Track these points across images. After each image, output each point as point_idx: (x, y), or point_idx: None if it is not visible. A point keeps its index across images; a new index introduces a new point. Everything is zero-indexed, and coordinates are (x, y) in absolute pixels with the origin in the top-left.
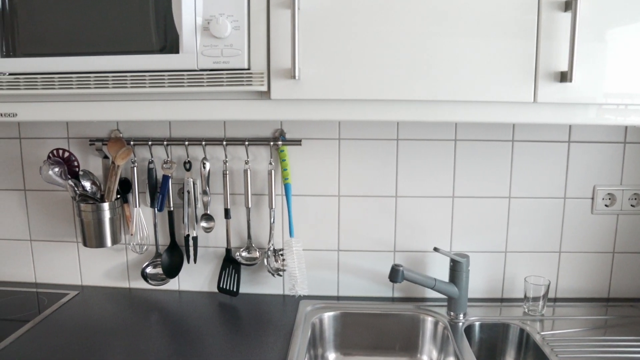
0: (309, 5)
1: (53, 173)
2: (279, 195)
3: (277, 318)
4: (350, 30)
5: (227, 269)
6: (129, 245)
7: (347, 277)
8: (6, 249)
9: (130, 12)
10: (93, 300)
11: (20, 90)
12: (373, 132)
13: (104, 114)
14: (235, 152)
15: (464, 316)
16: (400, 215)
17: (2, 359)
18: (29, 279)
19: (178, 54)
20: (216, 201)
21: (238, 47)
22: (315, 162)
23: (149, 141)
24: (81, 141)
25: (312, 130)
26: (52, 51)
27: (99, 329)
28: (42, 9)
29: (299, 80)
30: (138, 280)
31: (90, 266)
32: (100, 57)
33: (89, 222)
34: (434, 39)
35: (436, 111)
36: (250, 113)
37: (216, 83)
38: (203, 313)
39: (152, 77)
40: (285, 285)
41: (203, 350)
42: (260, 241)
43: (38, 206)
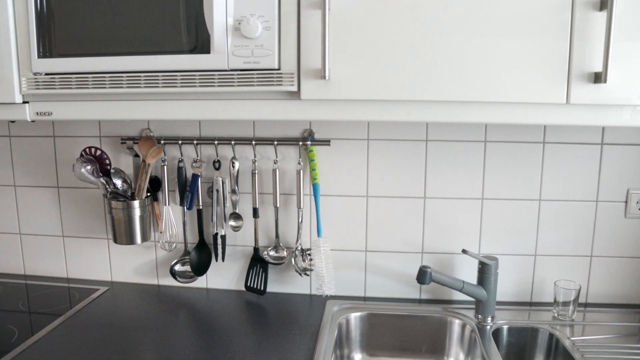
0: (339, 5)
1: (85, 171)
2: (307, 195)
3: (303, 317)
4: (380, 31)
5: (255, 268)
6: (158, 243)
7: (374, 278)
8: (40, 245)
9: (162, 13)
10: (122, 296)
11: (56, 89)
12: (402, 132)
13: (136, 113)
14: (264, 152)
15: (492, 319)
16: (428, 217)
17: (36, 351)
18: (61, 274)
19: (209, 54)
20: (245, 200)
21: (268, 47)
22: (343, 162)
23: (179, 140)
24: (113, 140)
25: (341, 130)
26: (86, 52)
27: (128, 325)
28: (77, 11)
29: (328, 80)
30: (167, 277)
31: (120, 263)
32: (133, 57)
33: (120, 219)
34: (463, 39)
35: (466, 112)
36: (280, 113)
37: (246, 83)
38: (230, 311)
39: (183, 77)
40: (313, 285)
41: (230, 347)
42: (288, 240)
43: (70, 203)
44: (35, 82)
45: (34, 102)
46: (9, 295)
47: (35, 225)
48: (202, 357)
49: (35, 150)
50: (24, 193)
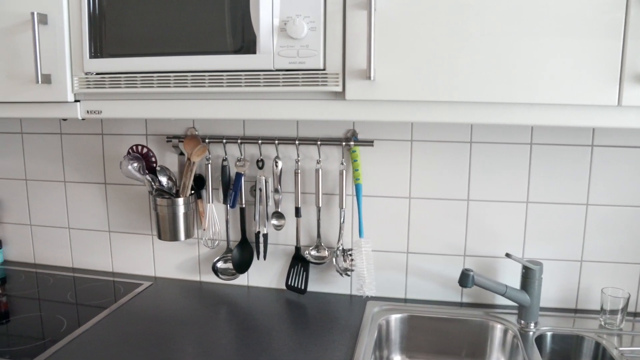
0: (385, 6)
1: (132, 168)
2: (349, 196)
3: (343, 317)
4: (426, 31)
5: (296, 267)
6: (201, 240)
7: (415, 280)
8: (87, 239)
9: (209, 14)
10: (165, 292)
11: (105, 88)
12: (446, 134)
13: (182, 112)
14: (307, 152)
15: (535, 325)
16: (471, 219)
17: (83, 341)
18: (106, 268)
19: (255, 55)
20: (287, 199)
21: (314, 47)
22: (386, 163)
23: (224, 139)
24: (158, 138)
25: (384, 131)
26: (135, 52)
27: (171, 319)
28: (127, 13)
29: (374, 81)
30: (209, 274)
31: (164, 258)
32: (180, 57)
33: (164, 216)
34: (511, 39)
35: (512, 114)
36: (324, 113)
37: (292, 83)
38: (271, 309)
39: (229, 77)
40: (353, 285)
41: (270, 345)
42: (330, 240)
43: (117, 199)
44: (87, 81)
45: (84, 100)
46: (59, 287)
47: (83, 220)
48: (242, 353)
49: (84, 148)
50: (73, 189)
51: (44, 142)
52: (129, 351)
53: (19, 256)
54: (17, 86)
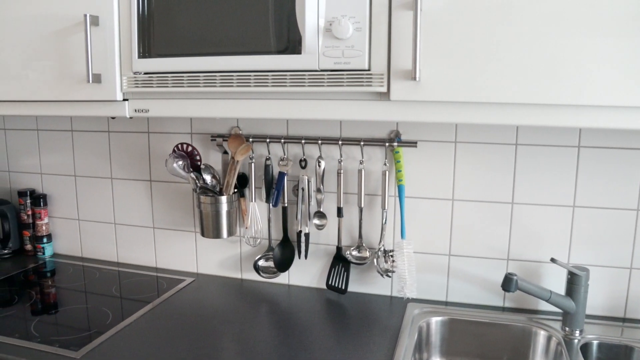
0: (431, 6)
1: (177, 166)
2: (391, 197)
3: (384, 319)
4: (472, 32)
5: (337, 267)
6: (243, 238)
7: (456, 283)
8: (132, 235)
9: (255, 15)
10: (207, 288)
11: (153, 88)
12: (491, 135)
13: (227, 111)
14: (350, 152)
15: (581, 333)
16: (515, 223)
17: (127, 334)
18: (150, 263)
19: (300, 55)
20: (329, 199)
21: (359, 48)
22: (430, 164)
23: (267, 139)
24: (203, 137)
25: (428, 132)
26: (182, 52)
27: (212, 315)
28: (174, 14)
29: (419, 81)
30: (250, 272)
31: (206, 255)
32: (226, 57)
33: (208, 213)
34: (558, 39)
35: (559, 116)
36: (368, 114)
37: (336, 83)
38: (311, 308)
39: (274, 77)
40: (394, 287)
41: (309, 344)
42: (371, 241)
43: (161, 196)
44: (135, 80)
45: (133, 99)
46: (104, 281)
47: (128, 216)
48: (282, 351)
49: (131, 146)
50: (120, 185)
51: (93, 139)
52: (171, 345)
53: (68, 250)
54: (68, 86)
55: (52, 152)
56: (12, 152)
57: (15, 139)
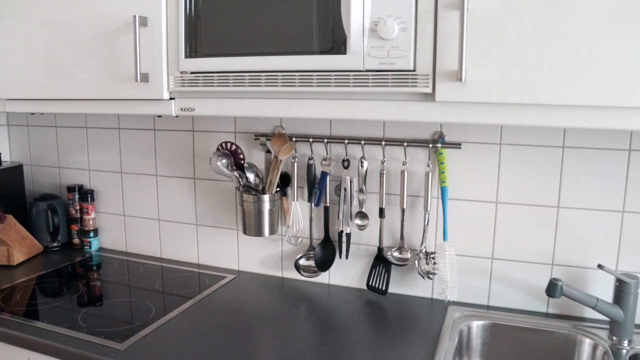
0: (477, 6)
1: (221, 164)
2: (434, 198)
3: (424, 321)
4: (519, 32)
5: (378, 268)
6: (284, 237)
7: (498, 287)
8: (176, 231)
9: (300, 15)
10: (248, 285)
11: (199, 87)
12: (537, 138)
13: (272, 110)
14: (393, 152)
15: (629, 343)
16: (561, 227)
17: (169, 329)
18: (192, 259)
19: (345, 55)
20: (371, 200)
21: (404, 48)
22: (473, 166)
23: (310, 138)
24: (246, 135)
25: (472, 133)
26: (228, 52)
27: (252, 312)
28: (221, 15)
29: (464, 82)
30: (291, 270)
31: (248, 253)
32: (271, 57)
33: (250, 211)
34: (609, 39)
35: (608, 118)
36: (413, 114)
37: (381, 84)
38: (351, 308)
39: (319, 77)
40: (435, 289)
41: (348, 344)
42: (413, 242)
43: (205, 194)
44: (182, 80)
45: (179, 98)
46: (148, 275)
47: (172, 212)
48: (321, 350)
49: (175, 144)
50: (164, 182)
51: (139, 137)
52: (212, 341)
53: (113, 244)
54: (117, 84)
55: (99, 149)
56: (62, 149)
57: (65, 136)
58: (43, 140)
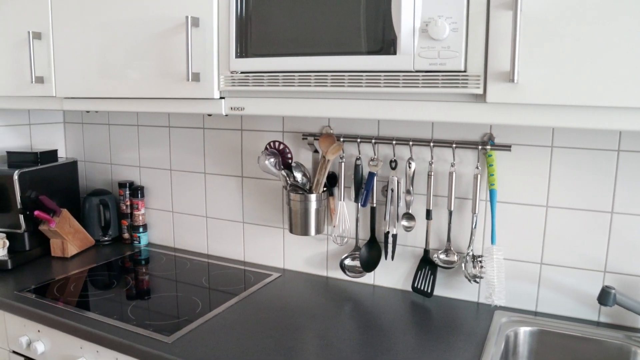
0: (531, 6)
1: (269, 163)
2: (482, 201)
3: (469, 325)
4: (574, 32)
5: (423, 270)
6: (330, 236)
7: (547, 293)
8: (223, 228)
9: (350, 15)
10: (293, 284)
11: (249, 87)
12: (590, 141)
13: (321, 110)
14: (441, 154)
15: None
16: (615, 233)
17: (214, 324)
18: (238, 257)
19: (395, 55)
20: (418, 201)
21: (455, 49)
22: (524, 169)
23: (358, 138)
24: (294, 135)
25: (522, 135)
26: (278, 52)
27: (297, 311)
28: (271, 15)
29: (517, 83)
30: (336, 270)
31: (294, 252)
32: (321, 57)
33: (297, 210)
34: None
35: None
36: (463, 116)
37: (431, 84)
38: (395, 309)
39: (368, 77)
40: (481, 293)
41: (392, 346)
42: (459, 245)
43: (252, 192)
44: (232, 79)
45: (229, 97)
46: (195, 271)
47: (219, 210)
48: (365, 351)
49: (224, 142)
50: (212, 180)
51: (188, 135)
52: (257, 337)
53: (161, 240)
54: (168, 84)
55: (150, 147)
56: (114, 146)
57: (117, 133)
58: (96, 138)
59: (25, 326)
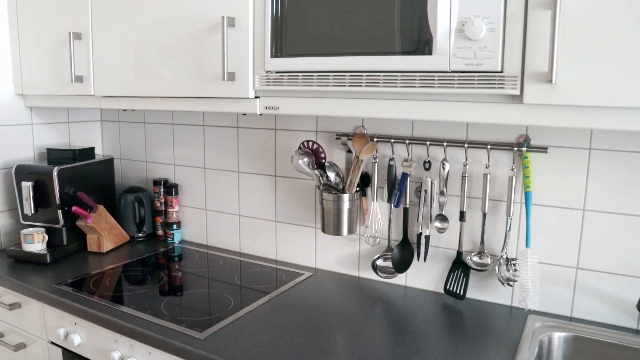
0: (570, 5)
1: (302, 162)
2: (517, 203)
3: (502, 329)
4: (614, 32)
5: (456, 272)
6: (362, 237)
7: (583, 298)
8: (255, 227)
9: (385, 15)
10: (324, 283)
11: (284, 86)
12: (630, 143)
13: (355, 110)
14: (476, 155)
15: None
16: None
17: (246, 321)
18: (270, 255)
19: (430, 56)
20: (452, 203)
21: (492, 49)
22: (560, 171)
23: (391, 139)
24: (328, 135)
25: (559, 137)
26: (313, 52)
27: (328, 310)
28: (306, 16)
29: (554, 84)
30: (367, 270)
31: (325, 251)
32: (356, 57)
33: (330, 210)
34: None
35: None
36: (499, 117)
37: (467, 85)
38: (427, 311)
39: (403, 78)
40: (515, 297)
41: (424, 347)
42: (493, 248)
43: (285, 191)
44: (267, 79)
45: (264, 97)
46: (227, 269)
47: (252, 208)
48: (395, 352)
49: (258, 141)
50: (245, 179)
51: (223, 134)
52: (288, 335)
53: (194, 237)
54: (203, 83)
55: (185, 145)
56: (149, 144)
57: (152, 132)
58: (132, 136)
59: (62, 318)
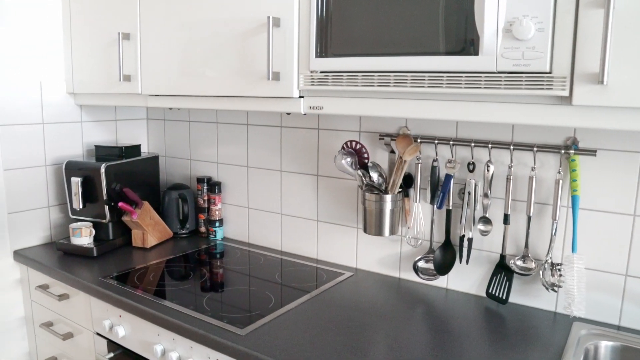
0: (623, 3)
1: (345, 162)
2: (563, 207)
3: (546, 335)
4: None
5: (499, 275)
6: (404, 238)
7: (632, 307)
8: (297, 226)
9: (431, 15)
10: (365, 284)
11: (328, 86)
12: None
13: (399, 111)
14: (521, 157)
15: None
16: None
17: (286, 319)
18: (311, 254)
19: (477, 56)
20: (496, 205)
21: (540, 49)
22: (609, 175)
23: (435, 140)
24: (371, 135)
25: (609, 140)
26: (358, 52)
27: (368, 311)
28: (351, 16)
29: (606, 85)
30: (408, 272)
31: (366, 252)
32: (400, 57)
33: (372, 210)
34: None
35: None
36: (547, 118)
37: (514, 86)
38: (468, 315)
39: (449, 78)
40: (559, 303)
41: (465, 351)
42: (538, 252)
43: (327, 191)
44: (311, 79)
45: (308, 97)
46: (268, 267)
47: (294, 208)
48: (435, 354)
49: (301, 141)
50: (288, 178)
51: (266, 133)
52: (328, 334)
53: (236, 234)
54: (248, 82)
55: (228, 144)
56: (194, 142)
57: (197, 130)
58: (177, 134)
59: (107, 310)
